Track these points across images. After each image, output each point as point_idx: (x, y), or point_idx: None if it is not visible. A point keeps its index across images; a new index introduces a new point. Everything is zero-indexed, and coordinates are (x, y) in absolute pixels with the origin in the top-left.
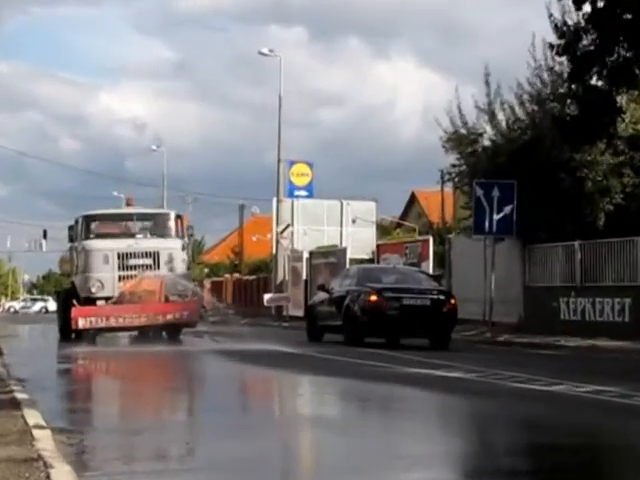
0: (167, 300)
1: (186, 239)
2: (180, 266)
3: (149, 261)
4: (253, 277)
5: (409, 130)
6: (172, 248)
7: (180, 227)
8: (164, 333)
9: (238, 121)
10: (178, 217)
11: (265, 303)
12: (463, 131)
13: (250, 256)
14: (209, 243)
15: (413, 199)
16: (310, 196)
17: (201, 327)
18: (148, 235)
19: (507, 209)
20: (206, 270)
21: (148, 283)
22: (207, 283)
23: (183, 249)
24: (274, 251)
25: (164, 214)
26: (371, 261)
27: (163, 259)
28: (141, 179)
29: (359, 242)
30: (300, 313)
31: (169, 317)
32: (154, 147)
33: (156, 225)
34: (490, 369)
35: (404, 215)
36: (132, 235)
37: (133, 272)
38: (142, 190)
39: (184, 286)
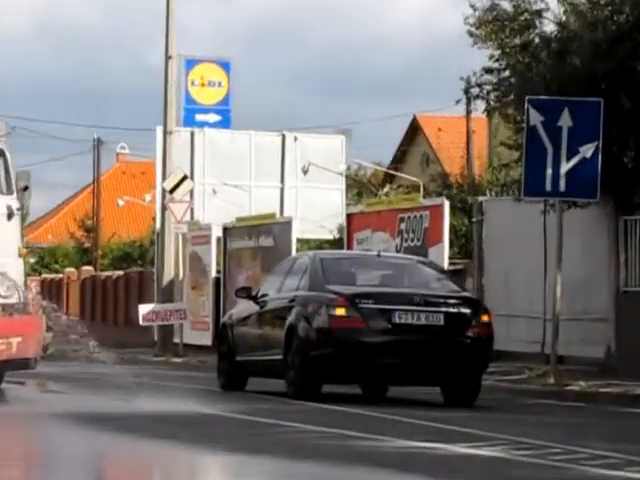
0: None
1: (16, 197)
2: (6, 249)
3: None
4: (118, 273)
5: (408, 6)
6: None
7: (5, 174)
8: None
9: None
10: (0, 154)
11: (141, 321)
12: (506, 6)
13: (113, 235)
14: (37, 211)
15: (415, 131)
16: (226, 125)
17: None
18: None
19: (586, 150)
20: (32, 260)
21: None
22: (32, 282)
23: (10, 217)
24: (157, 225)
25: None
26: (337, 244)
27: None
28: None
29: (315, 210)
30: (206, 340)
31: None
32: None
33: None
34: (553, 443)
35: (399, 160)
36: None
37: None
38: None
39: (13, 287)
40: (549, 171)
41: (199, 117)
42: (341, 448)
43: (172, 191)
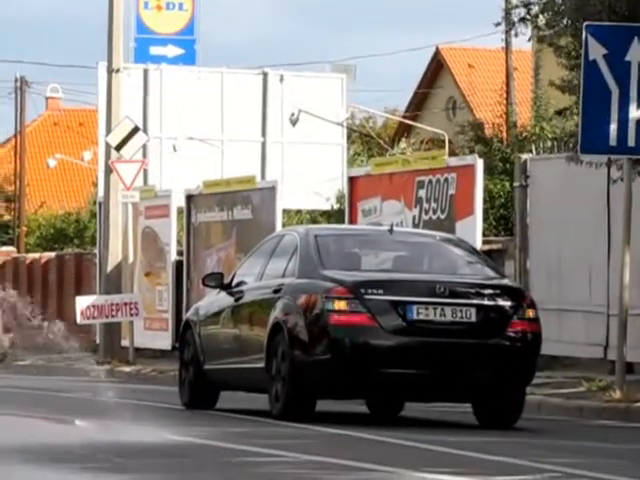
0: None
1: None
2: None
3: None
4: (48, 255)
5: None
6: None
7: None
8: None
9: None
10: None
11: (78, 319)
12: None
13: (41, 205)
14: None
15: (438, 69)
16: (189, 60)
17: None
18: None
19: None
20: None
21: None
22: None
23: None
24: (100, 193)
25: None
26: (336, 217)
27: None
28: None
29: (307, 172)
30: (164, 343)
31: None
32: None
33: None
34: (618, 476)
35: (417, 106)
36: None
37: None
38: None
39: None
40: (614, 120)
41: (154, 50)
42: None
43: (119, 147)
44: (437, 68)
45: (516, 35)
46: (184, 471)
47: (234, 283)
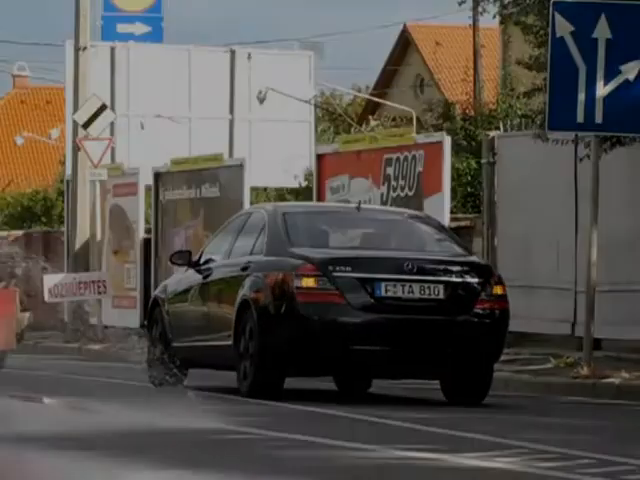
0: None
1: None
2: None
3: None
4: (15, 234)
5: None
6: None
7: None
8: None
9: None
10: None
11: (46, 297)
12: None
13: (9, 183)
14: None
15: (406, 47)
16: (157, 38)
17: None
18: None
19: (630, 69)
20: None
21: None
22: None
23: None
24: (67, 171)
25: None
26: (304, 194)
27: None
28: None
29: (275, 149)
30: (132, 321)
31: None
32: None
33: None
34: (586, 452)
35: (385, 84)
36: None
37: None
38: None
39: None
40: (581, 97)
41: (121, 28)
42: (311, 460)
43: (87, 125)
44: (404, 46)
45: (481, 13)
46: (152, 449)
47: (202, 261)
